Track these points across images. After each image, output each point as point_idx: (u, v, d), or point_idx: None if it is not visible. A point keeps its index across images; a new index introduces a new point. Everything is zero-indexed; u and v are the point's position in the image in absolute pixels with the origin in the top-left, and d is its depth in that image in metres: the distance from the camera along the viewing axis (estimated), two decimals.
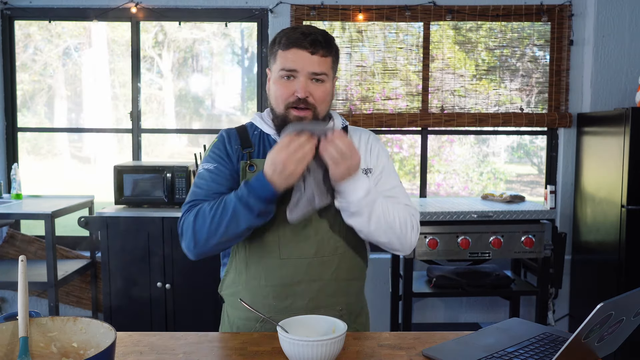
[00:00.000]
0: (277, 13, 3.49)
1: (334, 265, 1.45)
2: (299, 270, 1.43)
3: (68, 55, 5.07)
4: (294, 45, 1.36)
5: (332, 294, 1.46)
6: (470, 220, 2.99)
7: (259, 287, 1.43)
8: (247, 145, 1.46)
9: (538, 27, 3.58)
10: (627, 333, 1.16)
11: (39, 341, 1.06)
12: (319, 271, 1.44)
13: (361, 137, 1.55)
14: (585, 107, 3.50)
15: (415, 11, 3.49)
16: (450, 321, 3.64)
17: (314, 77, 1.37)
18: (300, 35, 1.37)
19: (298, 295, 1.43)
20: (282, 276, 1.43)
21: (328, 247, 1.44)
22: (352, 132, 1.56)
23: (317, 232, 1.43)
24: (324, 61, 1.38)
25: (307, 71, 1.37)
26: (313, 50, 1.36)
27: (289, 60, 1.37)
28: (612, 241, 3.09)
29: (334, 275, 1.45)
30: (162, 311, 3.05)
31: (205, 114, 5.69)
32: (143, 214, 3.01)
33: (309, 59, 1.36)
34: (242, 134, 1.49)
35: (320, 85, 1.39)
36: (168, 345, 1.30)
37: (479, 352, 1.22)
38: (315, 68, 1.37)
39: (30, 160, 7.71)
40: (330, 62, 1.41)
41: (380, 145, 1.57)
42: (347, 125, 1.56)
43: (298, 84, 1.37)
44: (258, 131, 1.50)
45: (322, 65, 1.38)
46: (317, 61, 1.37)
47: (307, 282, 1.43)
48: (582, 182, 3.46)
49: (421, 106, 3.59)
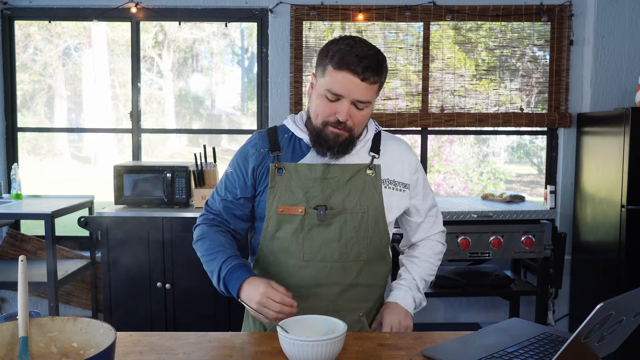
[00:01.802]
0: (277, 13, 3.49)
1: (356, 270, 1.47)
2: (321, 273, 1.45)
3: (68, 55, 5.07)
4: (346, 68, 1.33)
5: (353, 299, 1.49)
6: (470, 220, 2.99)
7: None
8: (276, 149, 1.48)
9: (538, 27, 3.58)
10: (627, 333, 1.16)
11: (39, 341, 1.06)
12: (341, 275, 1.46)
13: (399, 149, 1.56)
14: (585, 107, 3.50)
15: (415, 11, 3.49)
16: (450, 321, 3.64)
17: (358, 103, 1.37)
18: (355, 59, 1.33)
19: (319, 297, 1.46)
20: (304, 277, 1.45)
21: (352, 253, 1.46)
22: (387, 140, 1.56)
23: (341, 237, 1.45)
24: (372, 88, 1.37)
25: (353, 98, 1.35)
26: (364, 77, 1.33)
27: (338, 84, 1.34)
28: (612, 241, 3.09)
29: (355, 281, 1.48)
30: (162, 311, 3.05)
31: (205, 114, 5.70)
32: (143, 214, 3.01)
33: (357, 86, 1.34)
34: (272, 137, 1.51)
35: (362, 111, 1.39)
36: (168, 345, 1.30)
37: (479, 352, 1.22)
38: (362, 96, 1.35)
39: (30, 160, 7.71)
40: (377, 88, 1.39)
41: (416, 158, 1.59)
42: (380, 130, 1.56)
43: (341, 107, 1.36)
44: (289, 134, 1.51)
45: (369, 93, 1.36)
46: (366, 89, 1.35)
47: (328, 286, 1.46)
48: (582, 182, 3.46)
49: (421, 106, 3.59)
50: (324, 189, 1.45)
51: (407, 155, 1.56)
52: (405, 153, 1.56)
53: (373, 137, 1.52)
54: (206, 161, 3.21)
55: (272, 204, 1.46)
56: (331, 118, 1.38)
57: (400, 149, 1.56)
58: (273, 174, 1.46)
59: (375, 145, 1.51)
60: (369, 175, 1.48)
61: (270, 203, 1.46)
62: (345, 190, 1.45)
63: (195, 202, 3.14)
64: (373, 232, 1.48)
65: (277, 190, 1.45)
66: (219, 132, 4.57)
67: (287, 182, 1.45)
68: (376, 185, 1.48)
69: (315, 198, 1.44)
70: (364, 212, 1.46)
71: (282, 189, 1.45)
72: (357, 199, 1.46)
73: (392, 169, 1.52)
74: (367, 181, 1.47)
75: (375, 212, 1.47)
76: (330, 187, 1.45)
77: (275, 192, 1.46)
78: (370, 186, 1.47)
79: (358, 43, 1.36)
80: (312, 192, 1.44)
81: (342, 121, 1.37)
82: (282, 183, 1.45)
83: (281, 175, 1.45)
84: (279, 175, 1.45)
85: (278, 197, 1.45)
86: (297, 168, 1.46)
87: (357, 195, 1.46)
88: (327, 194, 1.45)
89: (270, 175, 1.46)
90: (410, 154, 1.57)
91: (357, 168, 1.47)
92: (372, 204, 1.47)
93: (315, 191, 1.44)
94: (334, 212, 1.44)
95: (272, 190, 1.46)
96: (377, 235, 1.49)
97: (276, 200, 1.45)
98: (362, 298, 1.50)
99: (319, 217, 1.43)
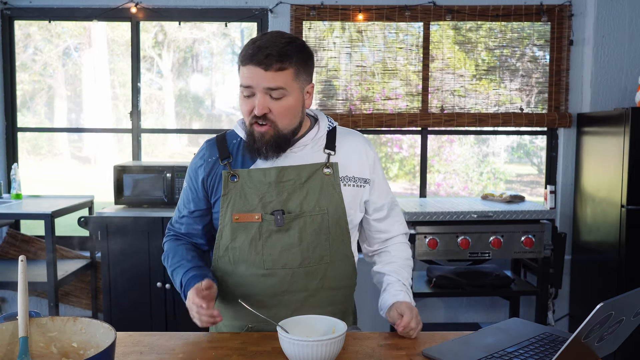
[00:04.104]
0: (277, 13, 3.49)
1: (320, 274, 1.43)
2: (284, 280, 1.41)
3: (68, 55, 5.07)
4: (249, 61, 1.32)
5: (318, 303, 1.43)
6: (470, 220, 2.99)
7: (243, 295, 1.41)
8: (225, 156, 1.45)
9: (538, 27, 3.58)
10: (627, 333, 1.16)
11: (39, 341, 1.06)
12: (305, 281, 1.42)
13: (356, 143, 1.50)
14: (585, 107, 3.50)
15: (415, 11, 3.49)
16: (450, 321, 3.64)
17: (270, 92, 1.33)
18: (256, 50, 1.31)
19: (282, 305, 1.42)
20: (266, 286, 1.41)
21: (314, 257, 1.41)
22: (342, 136, 1.50)
23: (302, 242, 1.40)
24: (280, 75, 1.32)
25: (263, 87, 1.32)
26: (266, 65, 1.30)
27: (245, 77, 1.33)
28: (612, 241, 3.09)
29: (319, 285, 1.43)
30: (162, 311, 3.05)
31: (205, 114, 5.69)
32: (143, 214, 3.01)
33: (263, 75, 1.31)
34: (220, 144, 1.48)
35: (280, 100, 1.34)
36: (168, 345, 1.30)
37: (479, 352, 1.22)
38: (270, 83, 1.32)
39: (30, 160, 7.71)
40: (290, 75, 1.33)
41: (374, 152, 1.53)
42: (335, 126, 1.51)
43: (256, 101, 1.33)
44: (238, 139, 1.48)
45: (278, 80, 1.32)
46: (272, 76, 1.31)
47: (292, 293, 1.42)
48: (582, 182, 3.46)
49: (421, 106, 3.59)
50: (280, 192, 1.40)
51: (365, 150, 1.50)
52: (362, 147, 1.50)
53: (327, 133, 1.47)
54: None
55: (225, 212, 1.41)
56: (252, 115, 1.35)
57: (358, 143, 1.50)
58: (226, 181, 1.41)
59: (330, 142, 1.46)
60: (326, 174, 1.42)
61: (224, 211, 1.41)
62: (302, 192, 1.40)
63: None
64: (334, 233, 1.43)
65: (231, 198, 1.41)
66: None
67: (240, 189, 1.41)
68: (334, 184, 1.42)
69: (271, 203, 1.39)
70: (324, 213, 1.41)
71: (236, 196, 1.41)
72: (315, 200, 1.40)
73: (350, 165, 1.46)
74: (325, 181, 1.42)
75: (335, 212, 1.42)
76: (287, 191, 1.40)
77: (228, 200, 1.41)
78: (328, 186, 1.42)
79: (265, 36, 1.35)
80: (267, 197, 1.39)
81: (258, 115, 1.33)
82: (236, 190, 1.41)
83: (234, 182, 1.41)
84: (232, 182, 1.41)
85: (232, 204, 1.41)
86: (250, 174, 1.41)
87: (315, 196, 1.41)
88: (284, 198, 1.40)
89: (224, 183, 1.41)
90: (368, 147, 1.51)
91: (314, 168, 1.42)
92: (332, 204, 1.42)
93: (270, 196, 1.39)
94: (292, 216, 1.39)
95: (225, 198, 1.41)
96: (339, 236, 1.44)
97: (230, 208, 1.41)
98: (329, 301, 1.45)
99: (277, 223, 1.38)
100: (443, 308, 3.65)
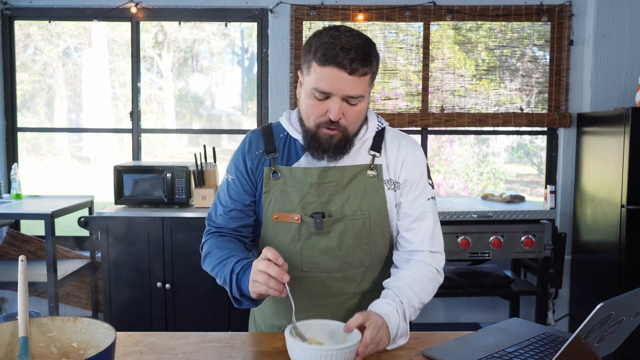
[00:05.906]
0: (277, 13, 3.49)
1: (358, 278, 1.39)
2: (322, 284, 1.37)
3: (68, 55, 5.08)
4: (331, 62, 1.21)
5: (355, 308, 1.38)
6: (470, 220, 2.99)
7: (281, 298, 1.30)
8: (271, 150, 1.38)
9: (538, 27, 3.58)
10: (627, 333, 1.16)
11: (39, 341, 1.06)
12: (343, 285, 1.38)
13: (405, 146, 1.41)
14: (585, 107, 3.50)
15: (415, 11, 3.49)
16: (450, 321, 3.64)
17: (349, 99, 1.25)
18: (339, 52, 1.20)
19: (320, 308, 1.38)
20: (304, 289, 1.37)
21: (354, 262, 1.37)
22: (392, 137, 1.42)
23: (341, 246, 1.35)
24: (362, 80, 1.24)
25: (343, 94, 1.23)
26: (352, 70, 1.21)
27: (324, 81, 1.22)
28: (612, 241, 3.09)
29: (358, 289, 1.40)
30: (162, 311, 3.05)
31: (205, 114, 5.69)
32: (143, 214, 3.01)
33: (346, 81, 1.22)
34: (267, 138, 1.40)
35: (355, 107, 1.27)
36: (168, 345, 1.30)
37: (479, 352, 1.22)
38: (352, 91, 1.23)
39: (30, 160, 7.71)
40: (369, 79, 1.26)
41: (423, 158, 1.44)
42: (384, 127, 1.42)
43: (332, 106, 1.24)
44: (284, 134, 1.41)
45: (360, 86, 1.24)
46: (355, 82, 1.22)
47: (330, 296, 1.38)
48: (582, 182, 3.46)
49: (421, 106, 3.59)
50: (321, 194, 1.34)
51: (413, 153, 1.41)
52: (410, 150, 1.41)
53: (376, 134, 1.40)
54: (206, 161, 3.21)
55: (267, 210, 1.37)
56: (323, 118, 1.27)
57: (406, 146, 1.41)
58: (267, 178, 1.36)
59: (376, 143, 1.39)
60: (370, 176, 1.36)
61: (266, 209, 1.37)
62: (344, 194, 1.35)
63: (195, 202, 3.14)
64: (376, 237, 1.38)
65: (272, 196, 1.36)
66: (219, 132, 4.57)
67: (282, 187, 1.35)
68: (378, 187, 1.36)
69: (311, 204, 1.34)
70: (365, 217, 1.35)
71: (277, 193, 1.36)
72: (357, 203, 1.35)
73: (396, 169, 1.39)
74: (368, 183, 1.36)
75: (377, 216, 1.36)
76: (328, 192, 1.34)
77: (270, 198, 1.36)
78: (371, 188, 1.36)
79: (343, 33, 1.24)
80: (308, 198, 1.34)
81: (334, 120, 1.25)
82: (277, 188, 1.36)
83: (276, 179, 1.35)
84: (274, 179, 1.36)
85: (273, 202, 1.36)
86: (292, 172, 1.35)
87: (358, 199, 1.35)
88: (325, 200, 1.34)
89: (265, 180, 1.36)
90: (418, 151, 1.42)
91: (357, 169, 1.36)
92: (374, 208, 1.36)
93: (311, 197, 1.34)
94: (333, 220, 1.34)
95: (267, 195, 1.37)
96: (380, 240, 1.39)
97: (271, 206, 1.36)
98: (366, 305, 1.35)
99: (317, 226, 1.33)
100: (443, 308, 3.65)
